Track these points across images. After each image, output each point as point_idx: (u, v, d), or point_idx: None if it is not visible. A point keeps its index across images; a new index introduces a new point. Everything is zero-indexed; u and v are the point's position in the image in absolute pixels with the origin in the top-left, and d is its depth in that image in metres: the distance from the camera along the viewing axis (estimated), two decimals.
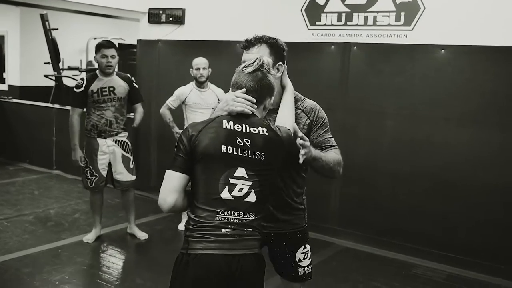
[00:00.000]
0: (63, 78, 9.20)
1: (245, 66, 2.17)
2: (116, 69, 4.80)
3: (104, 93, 4.63)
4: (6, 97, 8.54)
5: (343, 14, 4.99)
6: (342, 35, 5.02)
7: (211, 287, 2.00)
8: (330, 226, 5.24)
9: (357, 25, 4.93)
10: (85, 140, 4.75)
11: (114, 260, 4.61)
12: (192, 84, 5.12)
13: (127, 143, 4.83)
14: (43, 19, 8.39)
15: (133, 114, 5.00)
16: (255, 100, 2.12)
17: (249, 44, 2.44)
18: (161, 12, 6.21)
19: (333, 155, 2.45)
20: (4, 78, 10.23)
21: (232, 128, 2.06)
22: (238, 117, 2.10)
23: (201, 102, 5.06)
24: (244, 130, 2.07)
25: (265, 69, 2.17)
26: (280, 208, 2.48)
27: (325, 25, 5.10)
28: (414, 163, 4.74)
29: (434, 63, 4.61)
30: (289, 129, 2.19)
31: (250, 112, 2.11)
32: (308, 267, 2.61)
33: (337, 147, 2.54)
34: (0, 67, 10.32)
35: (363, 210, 5.04)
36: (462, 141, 4.52)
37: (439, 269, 4.54)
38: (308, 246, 2.62)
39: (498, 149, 4.37)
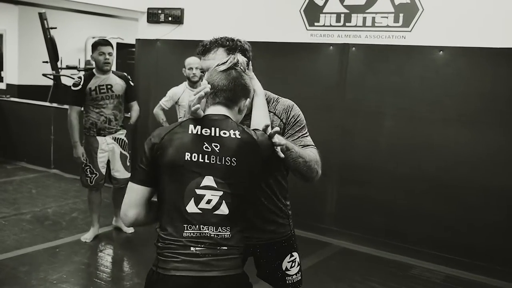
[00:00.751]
0: (62, 77, 9.19)
1: (218, 65, 2.01)
2: (113, 68, 4.82)
3: (102, 91, 4.65)
4: (4, 96, 8.53)
5: (342, 15, 4.99)
6: (341, 36, 5.03)
7: None
8: (327, 227, 5.24)
9: (355, 26, 4.94)
10: (84, 138, 4.77)
11: (111, 259, 4.61)
12: (185, 84, 5.12)
13: (125, 140, 4.88)
14: (42, 17, 8.37)
15: (129, 113, 5.03)
16: (209, 87, 1.92)
17: (205, 49, 2.23)
18: (160, 11, 6.21)
19: (308, 152, 2.22)
20: (2, 77, 10.21)
21: (199, 132, 1.86)
22: (207, 120, 1.90)
23: None
24: (213, 134, 1.87)
25: (240, 68, 2.00)
26: (262, 218, 2.32)
27: (324, 25, 5.11)
28: (412, 164, 4.75)
29: (433, 64, 4.62)
30: (264, 132, 1.97)
31: (200, 108, 1.90)
32: (296, 275, 2.46)
33: (314, 146, 2.31)
34: None
35: (361, 210, 5.05)
36: (460, 142, 4.53)
37: (436, 270, 4.54)
38: (295, 254, 2.46)
39: (496, 150, 4.38)
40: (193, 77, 5.02)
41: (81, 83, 4.62)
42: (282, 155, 1.97)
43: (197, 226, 1.83)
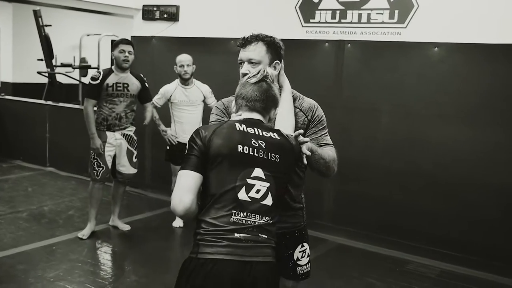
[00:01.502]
0: (56, 75, 9.17)
1: (249, 77, 2.17)
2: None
3: (118, 88, 4.77)
4: None
5: (337, 12, 5.00)
6: (336, 32, 5.04)
7: None
8: (324, 223, 5.26)
9: (351, 22, 4.95)
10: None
11: (109, 257, 4.62)
12: (177, 81, 5.12)
13: (133, 137, 4.96)
14: (36, 15, 8.35)
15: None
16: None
17: (246, 42, 2.44)
18: (155, 8, 6.20)
19: (328, 151, 2.43)
20: None
21: (245, 130, 2.01)
22: (249, 121, 2.06)
23: (186, 99, 5.08)
24: (257, 133, 2.02)
25: (270, 79, 2.17)
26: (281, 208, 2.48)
27: (319, 22, 5.12)
28: (408, 160, 4.77)
29: (428, 61, 4.64)
30: (296, 139, 2.16)
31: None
32: (306, 266, 2.60)
33: (332, 145, 2.52)
34: None
35: (358, 207, 5.07)
36: (456, 139, 4.56)
37: (432, 265, 4.57)
38: (306, 244, 2.60)
39: (493, 146, 4.41)
40: (184, 75, 5.02)
41: (100, 78, 4.71)
42: (306, 161, 2.17)
43: (245, 213, 1.95)
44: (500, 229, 4.40)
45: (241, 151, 1.96)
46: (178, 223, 5.26)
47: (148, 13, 6.25)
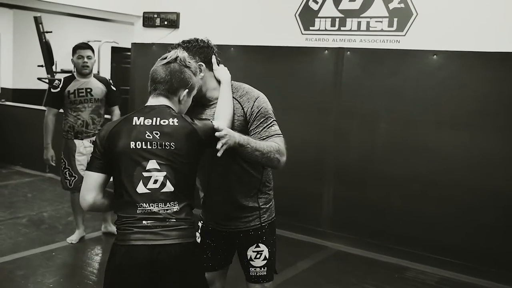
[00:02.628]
0: (56, 81, 9.17)
1: (162, 58, 2.25)
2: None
3: (80, 94, 4.69)
4: None
5: (337, 19, 5.04)
6: (336, 40, 5.07)
7: (132, 275, 2.07)
8: (323, 230, 5.27)
9: (350, 30, 4.98)
10: (63, 141, 4.82)
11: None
12: None
13: None
14: (37, 21, 8.37)
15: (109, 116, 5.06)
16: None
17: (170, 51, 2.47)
18: (155, 15, 6.24)
19: (269, 142, 2.36)
20: None
21: (142, 123, 2.13)
22: (149, 111, 2.17)
23: None
24: (153, 124, 2.13)
25: (181, 61, 2.22)
26: (231, 206, 2.49)
27: (319, 30, 5.15)
28: (407, 167, 4.79)
29: (427, 68, 4.67)
30: (212, 123, 2.21)
31: None
32: (261, 269, 2.55)
33: (279, 135, 2.45)
34: None
35: (356, 213, 5.08)
36: (454, 145, 4.58)
37: (431, 272, 4.58)
38: (263, 246, 2.54)
39: (490, 152, 4.43)
40: None
41: (60, 86, 4.68)
42: (219, 154, 2.15)
43: (147, 203, 2.10)
44: (499, 235, 4.41)
45: (134, 147, 2.10)
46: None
47: (149, 20, 6.29)
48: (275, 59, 5.45)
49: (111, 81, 4.97)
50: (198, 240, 2.61)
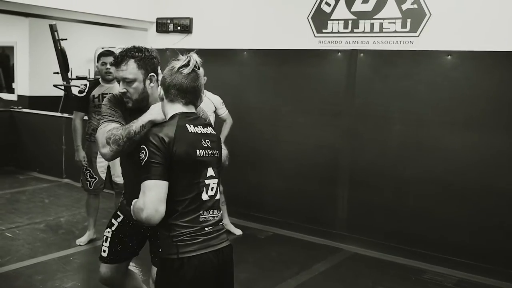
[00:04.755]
0: (72, 87, 9.27)
1: (181, 67, 2.18)
2: None
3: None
4: (15, 107, 8.63)
5: (350, 22, 5.03)
6: (349, 42, 5.07)
7: (206, 283, 2.11)
8: (338, 232, 5.25)
9: (363, 32, 4.97)
10: (86, 143, 4.92)
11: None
12: None
13: None
14: (52, 29, 8.47)
15: None
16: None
17: (117, 61, 2.51)
18: (169, 21, 6.28)
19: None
20: (14, 88, 10.33)
21: (195, 131, 2.14)
22: (191, 119, 2.17)
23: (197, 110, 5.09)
24: (203, 132, 2.17)
25: (197, 67, 2.22)
26: None
27: (331, 32, 5.15)
28: (421, 168, 4.76)
29: (441, 69, 4.64)
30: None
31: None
32: None
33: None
34: (9, 77, 10.43)
35: (371, 215, 5.06)
36: (468, 146, 4.54)
37: (448, 274, 4.54)
38: None
39: (505, 152, 4.38)
40: None
41: (86, 90, 4.83)
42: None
43: (208, 211, 2.14)
44: None
45: (199, 155, 2.11)
46: None
47: (162, 26, 6.34)
48: (288, 63, 5.46)
49: None
50: (113, 229, 2.75)
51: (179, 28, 6.20)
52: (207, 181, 2.13)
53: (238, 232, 5.45)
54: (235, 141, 5.59)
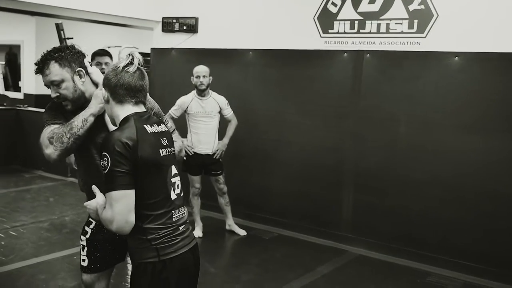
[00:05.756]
0: None
1: (125, 65, 2.09)
2: None
3: None
4: (21, 106, 8.65)
5: (356, 22, 5.00)
6: (355, 42, 5.04)
7: (188, 281, 2.15)
8: (343, 234, 5.22)
9: (370, 32, 4.94)
10: None
11: (129, 267, 4.63)
12: (194, 93, 5.15)
13: None
14: (58, 28, 8.47)
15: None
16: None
17: (38, 69, 2.43)
18: (174, 21, 6.27)
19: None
20: (20, 87, 10.36)
21: (153, 131, 2.08)
22: (145, 118, 2.10)
23: (202, 111, 5.09)
24: (159, 131, 2.12)
25: (140, 63, 2.14)
26: None
27: (337, 32, 5.12)
28: (427, 170, 4.72)
29: (448, 70, 4.60)
30: None
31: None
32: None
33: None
34: (16, 76, 10.45)
35: (377, 217, 5.03)
36: (474, 148, 4.50)
37: (454, 277, 4.50)
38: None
39: (511, 156, 4.35)
40: (200, 86, 5.04)
41: None
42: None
43: (178, 209, 2.13)
44: None
45: (162, 155, 2.07)
46: (200, 232, 5.29)
47: (168, 25, 6.33)
48: (294, 63, 5.43)
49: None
50: (87, 237, 2.60)
51: (184, 27, 6.19)
52: (172, 180, 2.11)
53: (243, 232, 5.42)
54: (240, 142, 5.58)
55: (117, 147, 1.93)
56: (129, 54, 2.12)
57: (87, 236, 2.61)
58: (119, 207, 1.93)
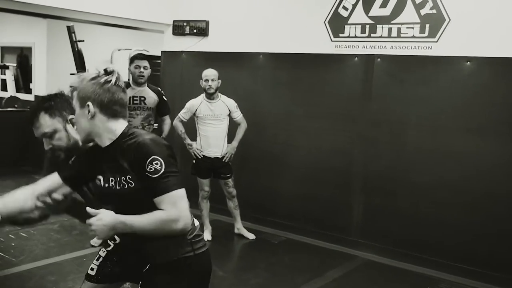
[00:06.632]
0: None
1: (116, 80, 2.06)
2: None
3: (135, 102, 4.96)
4: None
5: (367, 26, 4.99)
6: (366, 47, 5.02)
7: (210, 276, 2.25)
8: (352, 239, 5.20)
9: (381, 37, 4.92)
10: None
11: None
12: (203, 96, 5.16)
13: None
14: (70, 31, 8.53)
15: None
16: None
17: (30, 122, 2.39)
18: (185, 24, 6.29)
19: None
20: (31, 89, 10.43)
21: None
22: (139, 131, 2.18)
23: (211, 114, 5.10)
24: None
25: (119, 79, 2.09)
26: None
27: (348, 37, 5.11)
28: (438, 174, 4.69)
29: (460, 75, 4.57)
30: None
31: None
32: None
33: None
34: (27, 77, 10.53)
35: (387, 222, 5.00)
36: (484, 153, 4.46)
37: (466, 284, 4.46)
38: None
39: None
40: (209, 89, 5.05)
41: None
42: None
43: None
44: None
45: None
46: (209, 236, 5.32)
47: (178, 28, 6.35)
48: (304, 66, 5.43)
49: (163, 91, 5.27)
50: (108, 250, 2.58)
51: (195, 31, 6.21)
52: None
53: (251, 236, 5.41)
54: (249, 145, 5.58)
55: (167, 148, 2.02)
56: (110, 68, 2.08)
57: (109, 249, 2.58)
58: (184, 205, 1.99)
